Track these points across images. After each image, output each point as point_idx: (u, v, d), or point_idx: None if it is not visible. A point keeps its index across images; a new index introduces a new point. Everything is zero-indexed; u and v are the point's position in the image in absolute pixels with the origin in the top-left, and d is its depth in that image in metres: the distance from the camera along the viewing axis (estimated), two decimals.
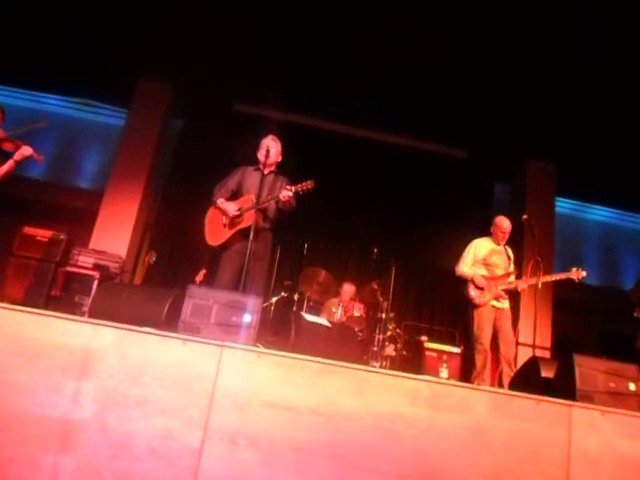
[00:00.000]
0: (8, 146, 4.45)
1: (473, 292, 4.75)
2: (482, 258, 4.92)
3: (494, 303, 4.75)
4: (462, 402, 2.65)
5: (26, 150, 4.41)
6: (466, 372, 5.07)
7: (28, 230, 5.22)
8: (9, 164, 4.34)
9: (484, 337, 4.64)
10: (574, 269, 4.76)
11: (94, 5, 6.25)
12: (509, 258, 4.94)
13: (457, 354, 5.35)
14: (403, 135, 7.76)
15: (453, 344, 5.66)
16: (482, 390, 2.72)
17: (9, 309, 2.65)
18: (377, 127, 7.68)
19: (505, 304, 4.81)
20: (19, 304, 2.78)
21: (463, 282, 4.89)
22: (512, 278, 4.82)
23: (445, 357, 5.17)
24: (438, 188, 7.81)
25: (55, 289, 5.18)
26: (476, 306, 4.73)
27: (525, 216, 5.15)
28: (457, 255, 7.29)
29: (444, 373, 4.69)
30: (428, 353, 5.39)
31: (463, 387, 2.72)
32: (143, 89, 7.73)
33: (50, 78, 7.84)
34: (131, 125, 7.70)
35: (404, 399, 2.59)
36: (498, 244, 4.98)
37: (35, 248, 5.14)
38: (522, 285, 4.77)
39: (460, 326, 6.66)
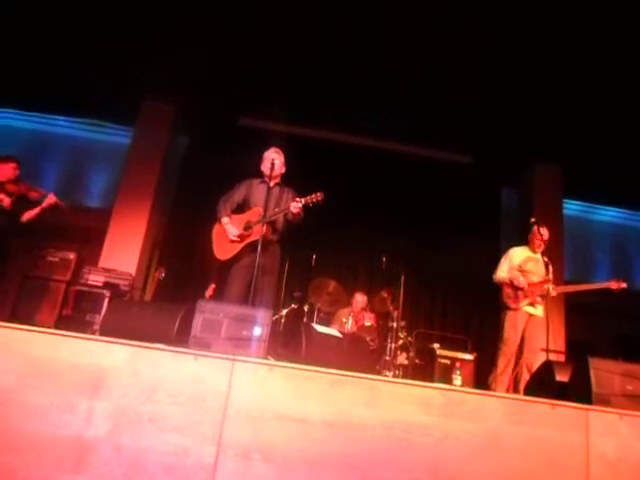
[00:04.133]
0: (34, 195, 4.90)
1: (507, 296, 4.75)
2: (518, 265, 4.92)
3: (528, 309, 4.74)
4: (476, 409, 2.62)
5: (51, 198, 4.87)
6: (480, 379, 5.03)
7: (38, 251, 5.26)
8: (37, 211, 4.86)
9: (512, 341, 4.64)
10: (614, 279, 4.72)
11: (97, 27, 6.33)
12: (547, 267, 4.90)
13: (470, 361, 5.32)
14: (408, 142, 7.76)
15: (466, 351, 5.61)
16: (496, 396, 2.70)
17: (21, 329, 2.66)
18: (382, 135, 7.69)
19: (539, 311, 4.79)
20: (31, 324, 2.80)
21: (499, 287, 4.90)
22: (549, 286, 4.78)
23: (458, 364, 5.13)
24: (445, 194, 7.80)
25: (66, 308, 5.21)
26: (510, 309, 4.73)
27: (533, 219, 5.13)
28: (466, 261, 7.31)
29: (457, 380, 4.64)
30: (441, 360, 5.36)
31: (477, 394, 2.69)
32: (147, 107, 7.81)
33: (57, 100, 7.94)
34: (137, 143, 7.77)
35: (417, 408, 2.57)
36: (534, 252, 4.97)
37: (46, 268, 5.19)
38: (553, 293, 4.74)
39: (473, 333, 6.62)
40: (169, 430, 2.50)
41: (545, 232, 4.96)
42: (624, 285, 4.68)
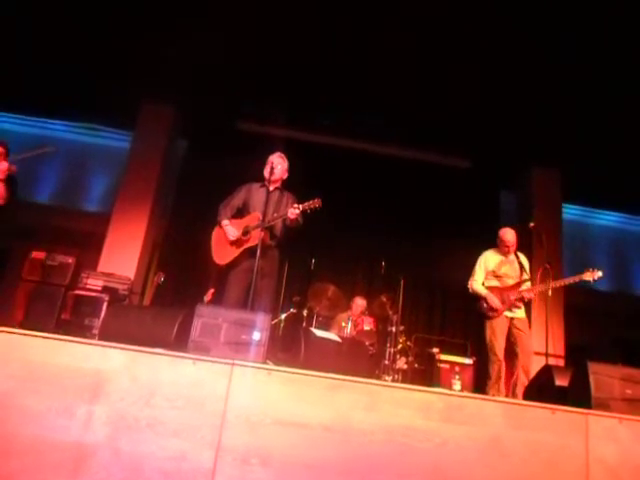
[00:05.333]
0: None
1: (485, 306, 4.73)
2: (492, 270, 4.91)
3: (507, 313, 4.72)
4: (476, 414, 2.62)
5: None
6: (479, 383, 5.02)
7: (36, 254, 5.25)
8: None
9: (498, 347, 4.60)
10: (588, 270, 4.67)
11: (96, 29, 6.34)
12: (521, 266, 4.89)
13: (469, 365, 5.31)
14: (407, 147, 7.78)
15: (465, 355, 5.61)
16: (496, 401, 2.69)
17: (20, 334, 2.66)
18: (381, 140, 7.71)
19: (519, 313, 4.76)
20: (29, 328, 2.79)
21: (476, 296, 4.86)
22: (525, 286, 4.78)
23: (457, 369, 5.12)
24: (444, 199, 7.80)
25: (65, 312, 5.19)
26: (490, 317, 4.71)
27: (532, 224, 5.13)
28: (465, 266, 7.29)
29: (457, 385, 4.64)
30: (440, 365, 5.35)
31: (476, 398, 2.69)
32: (146, 111, 7.81)
33: (55, 104, 7.95)
34: (136, 147, 7.78)
35: (417, 412, 2.57)
36: (505, 255, 4.96)
37: (44, 272, 5.17)
38: (528, 295, 4.72)
39: (472, 337, 6.61)
40: (168, 435, 2.49)
41: (511, 237, 4.91)
42: (599, 274, 4.61)
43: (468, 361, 5.36)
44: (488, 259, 5.00)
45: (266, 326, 2.82)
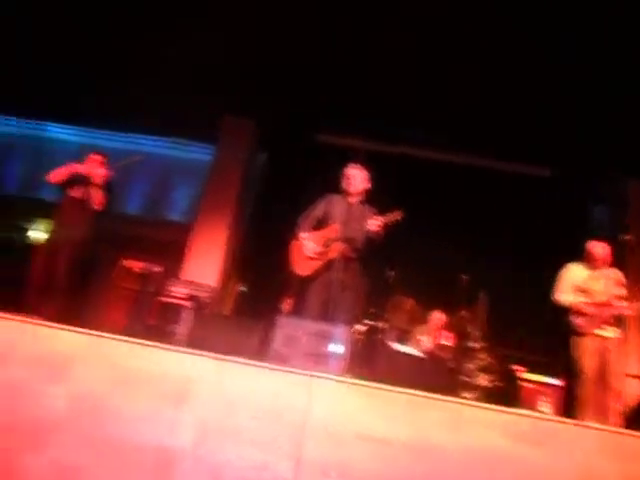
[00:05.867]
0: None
1: (577, 320, 4.46)
2: (577, 284, 4.62)
3: (599, 332, 4.43)
4: (567, 440, 2.46)
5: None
6: (568, 406, 4.72)
7: (126, 263, 5.54)
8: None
9: (588, 367, 4.32)
10: None
11: (181, 54, 6.65)
12: (614, 282, 4.58)
13: (557, 386, 5.00)
14: (491, 157, 7.55)
15: (552, 375, 5.30)
16: (591, 427, 2.52)
17: (111, 338, 2.80)
18: (462, 150, 7.53)
19: (612, 332, 4.46)
20: (119, 333, 2.93)
21: (564, 310, 4.60)
22: (619, 303, 4.46)
23: (544, 389, 4.85)
24: (528, 211, 7.47)
25: (151, 318, 5.43)
26: (579, 335, 4.43)
27: (628, 236, 4.80)
28: (550, 280, 6.94)
29: (545, 407, 4.37)
30: (524, 384, 5.09)
31: (567, 423, 2.53)
32: (229, 125, 8.07)
33: (144, 121, 8.39)
34: (218, 160, 8.05)
35: (502, 435, 2.45)
36: (595, 268, 4.66)
37: (133, 279, 5.45)
38: (625, 312, 4.41)
39: (559, 355, 6.26)
40: (249, 444, 2.52)
41: (600, 250, 4.59)
42: None
43: (555, 382, 5.05)
44: (573, 272, 4.72)
45: (346, 338, 2.81)
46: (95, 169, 4.86)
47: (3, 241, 7.62)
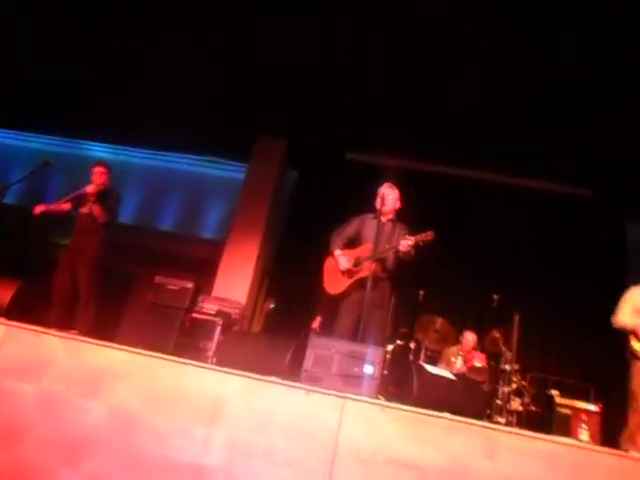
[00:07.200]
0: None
1: (637, 345, 4.32)
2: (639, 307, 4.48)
3: None
4: (609, 471, 2.37)
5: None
6: (607, 435, 4.55)
7: (159, 279, 5.60)
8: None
9: None
10: None
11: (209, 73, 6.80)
12: None
13: (595, 412, 4.82)
14: (522, 176, 7.45)
15: (588, 400, 5.14)
16: (634, 459, 2.42)
17: (146, 355, 2.83)
18: (494, 169, 7.45)
19: None
20: (151, 349, 2.96)
21: (624, 334, 4.46)
22: None
23: (584, 416, 4.68)
24: (562, 230, 7.33)
25: (183, 335, 5.47)
26: (639, 360, 4.30)
27: None
28: (586, 300, 6.75)
29: (584, 435, 4.20)
30: (560, 410, 4.94)
31: (610, 454, 2.44)
32: (261, 144, 8.18)
33: (180, 140, 8.57)
34: (250, 178, 8.15)
35: (541, 464, 2.38)
36: None
37: (166, 296, 5.49)
38: None
39: (596, 379, 6.06)
40: (280, 464, 2.51)
41: None
42: None
43: (593, 408, 4.87)
44: (635, 295, 4.58)
45: (378, 360, 2.78)
46: (85, 188, 5.11)
47: (37, 255, 7.84)
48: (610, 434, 4.40)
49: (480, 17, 5.31)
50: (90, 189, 5.11)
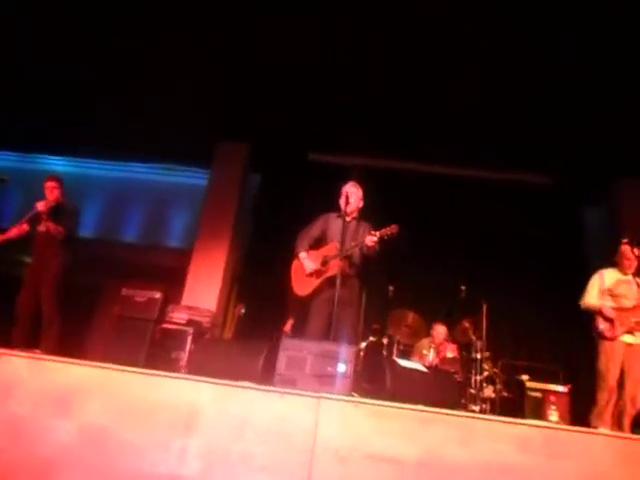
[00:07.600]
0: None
1: (602, 325, 4.45)
2: (608, 288, 4.60)
3: (626, 338, 4.41)
4: (580, 448, 2.45)
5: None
6: (577, 414, 4.69)
7: (126, 291, 5.50)
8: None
9: (612, 374, 4.29)
10: None
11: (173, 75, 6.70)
12: None
13: (564, 393, 4.96)
14: (483, 167, 7.59)
15: (558, 382, 5.27)
16: (604, 435, 2.50)
17: (117, 369, 2.78)
18: (454, 162, 7.56)
19: (639, 339, 4.45)
20: (121, 363, 2.91)
21: (590, 315, 4.59)
22: None
23: (552, 398, 4.80)
24: (523, 218, 7.50)
25: (153, 347, 5.38)
26: (605, 340, 4.42)
27: (625, 239, 4.81)
28: (549, 286, 6.93)
29: (554, 416, 4.31)
30: (531, 393, 5.05)
31: (580, 432, 2.51)
32: (222, 150, 8.11)
33: (136, 149, 8.42)
34: (213, 184, 8.07)
35: (515, 447, 2.43)
36: (625, 274, 4.66)
37: (134, 308, 5.39)
38: None
39: (563, 362, 6.23)
40: (258, 469, 2.50)
41: (631, 255, 4.61)
42: None
43: (562, 389, 5.00)
44: (604, 276, 4.70)
45: (351, 357, 2.80)
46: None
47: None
48: (580, 413, 4.53)
49: (480, 17, 5.34)
50: (41, 206, 5.01)
